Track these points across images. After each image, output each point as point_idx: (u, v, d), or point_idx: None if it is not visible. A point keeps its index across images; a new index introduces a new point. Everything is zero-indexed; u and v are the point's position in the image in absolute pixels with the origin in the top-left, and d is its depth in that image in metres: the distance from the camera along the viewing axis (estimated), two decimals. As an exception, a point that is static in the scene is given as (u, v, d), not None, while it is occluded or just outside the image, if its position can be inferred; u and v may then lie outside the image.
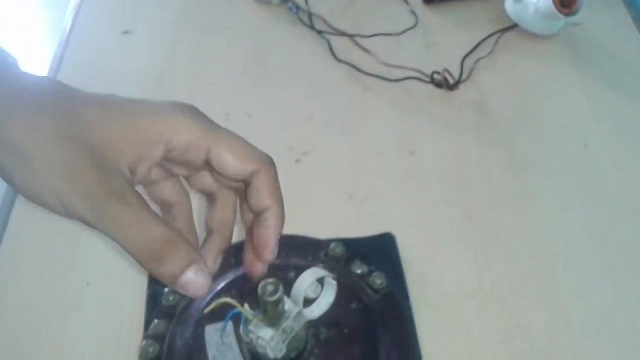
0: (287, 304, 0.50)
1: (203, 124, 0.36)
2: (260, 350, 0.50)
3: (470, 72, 0.82)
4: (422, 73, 0.79)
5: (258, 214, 0.38)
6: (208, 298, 0.55)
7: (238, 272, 0.58)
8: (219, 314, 0.54)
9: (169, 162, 0.37)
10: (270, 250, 0.38)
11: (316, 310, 0.51)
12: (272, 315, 0.48)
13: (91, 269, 0.65)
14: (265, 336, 0.48)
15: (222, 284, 0.56)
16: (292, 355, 0.51)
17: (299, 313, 0.50)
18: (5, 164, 0.32)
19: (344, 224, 0.67)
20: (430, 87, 0.79)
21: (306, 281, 0.49)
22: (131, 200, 0.32)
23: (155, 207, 0.38)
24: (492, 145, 0.75)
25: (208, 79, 0.84)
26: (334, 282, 0.51)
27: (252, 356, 0.51)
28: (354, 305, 0.55)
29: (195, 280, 0.33)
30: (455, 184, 0.71)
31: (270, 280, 0.47)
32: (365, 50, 0.84)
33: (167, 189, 0.41)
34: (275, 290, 0.47)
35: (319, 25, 0.87)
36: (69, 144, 0.32)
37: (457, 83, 0.80)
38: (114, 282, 0.64)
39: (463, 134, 0.76)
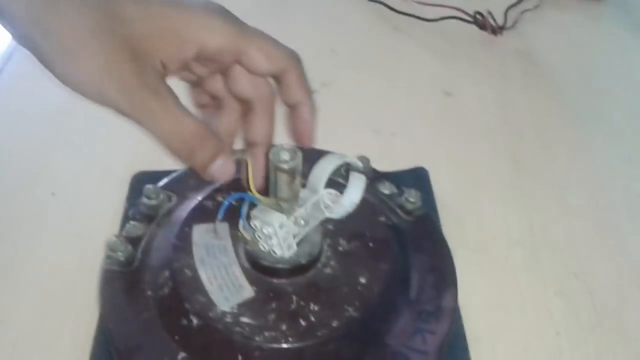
0: (302, 193, 0.39)
1: (235, 26, 0.36)
2: (263, 245, 0.38)
3: (515, 22, 0.73)
4: (464, 12, 0.70)
5: (292, 108, 0.39)
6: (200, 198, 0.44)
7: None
8: (210, 215, 0.43)
9: (201, 62, 0.37)
10: (309, 138, 0.39)
11: (338, 209, 0.40)
12: (284, 197, 0.37)
13: (58, 179, 0.54)
14: (273, 222, 0.37)
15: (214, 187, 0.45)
16: (303, 261, 0.39)
17: (317, 204, 0.38)
18: (46, 51, 0.33)
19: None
20: (471, 29, 0.71)
21: (328, 165, 0.38)
22: (164, 94, 0.34)
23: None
24: (541, 93, 0.66)
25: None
26: (362, 177, 0.40)
27: (250, 259, 0.40)
28: (382, 219, 0.44)
29: (222, 168, 0.36)
30: (500, 127, 0.62)
31: (285, 145, 0.36)
32: (398, -6, 0.74)
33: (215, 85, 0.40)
34: (292, 157, 0.36)
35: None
36: (108, 37, 0.32)
37: (501, 28, 0.70)
38: (83, 194, 0.53)
39: (508, 79, 0.67)
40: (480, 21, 0.69)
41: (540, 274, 0.49)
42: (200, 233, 0.42)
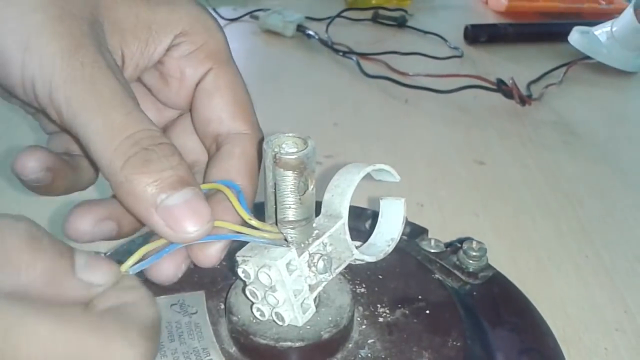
0: (318, 220, 0.24)
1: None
2: (259, 310, 0.23)
3: (541, 96, 0.63)
4: (486, 80, 0.60)
5: (214, 145, 0.27)
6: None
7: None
8: (177, 283, 0.28)
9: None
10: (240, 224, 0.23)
11: (371, 250, 0.25)
12: (291, 218, 0.22)
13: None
14: (276, 262, 0.22)
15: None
16: (325, 334, 0.24)
17: (339, 235, 0.24)
18: None
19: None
20: (494, 99, 0.60)
21: (352, 175, 0.24)
22: (120, 77, 0.22)
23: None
24: (591, 162, 0.54)
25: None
26: (401, 202, 0.26)
27: (238, 338, 0.24)
28: (436, 276, 0.29)
29: (189, 208, 0.21)
30: (554, 196, 0.49)
31: (286, 133, 0.23)
32: (401, 72, 0.65)
33: None
34: (301, 146, 0.22)
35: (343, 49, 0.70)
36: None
37: (529, 97, 0.60)
38: None
39: (549, 149, 0.56)
40: (506, 90, 0.59)
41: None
42: (160, 308, 0.26)
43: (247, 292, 0.23)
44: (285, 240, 0.23)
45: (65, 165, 0.25)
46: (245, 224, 0.23)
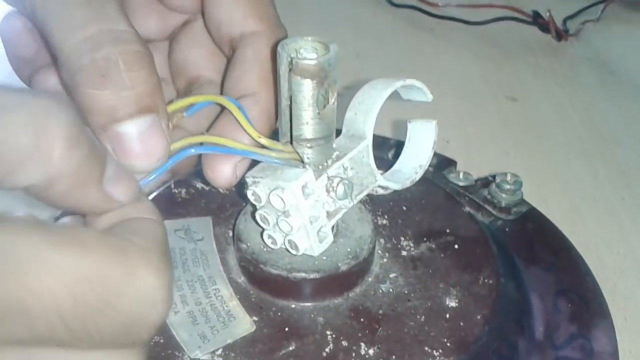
0: (338, 141, 0.22)
1: None
2: (270, 236, 0.21)
3: (578, 32, 0.59)
4: (521, 12, 0.56)
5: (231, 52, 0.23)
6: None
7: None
8: (182, 207, 0.26)
9: None
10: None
11: (397, 177, 0.23)
12: (309, 135, 0.20)
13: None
14: (290, 184, 0.19)
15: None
16: (342, 265, 0.22)
17: (362, 158, 0.21)
18: None
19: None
20: (528, 32, 0.56)
21: (378, 91, 0.22)
22: None
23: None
24: (629, 101, 0.51)
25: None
26: (432, 125, 0.24)
27: (247, 266, 0.22)
28: (466, 210, 0.27)
29: (142, 142, 0.18)
30: (589, 136, 0.46)
31: (308, 37, 0.20)
32: (430, 2, 0.61)
33: None
34: (322, 51, 0.19)
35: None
36: None
37: (566, 32, 0.56)
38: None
39: (586, 87, 0.52)
40: (542, 23, 0.55)
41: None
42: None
43: (258, 217, 0.21)
44: (301, 160, 0.20)
45: None
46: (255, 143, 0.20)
